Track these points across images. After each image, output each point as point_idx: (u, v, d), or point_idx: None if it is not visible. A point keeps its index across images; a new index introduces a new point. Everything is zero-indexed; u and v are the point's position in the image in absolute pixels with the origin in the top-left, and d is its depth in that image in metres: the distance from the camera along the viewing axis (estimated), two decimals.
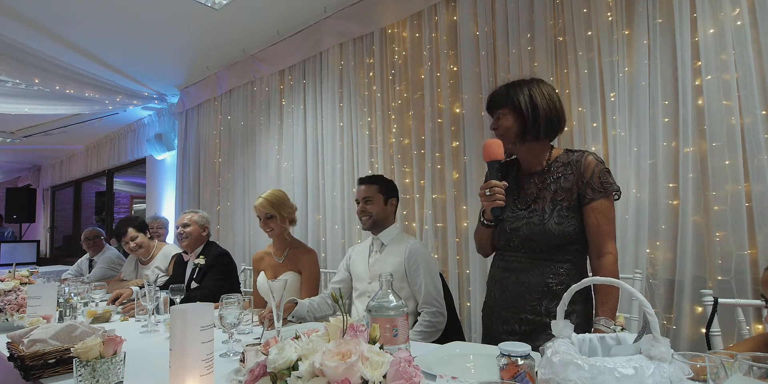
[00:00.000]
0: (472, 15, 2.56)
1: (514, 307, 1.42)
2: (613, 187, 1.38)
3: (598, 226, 1.36)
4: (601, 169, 1.38)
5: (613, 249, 1.36)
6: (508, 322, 1.43)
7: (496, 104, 1.48)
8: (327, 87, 3.36)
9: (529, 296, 1.39)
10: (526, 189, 1.48)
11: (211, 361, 1.01)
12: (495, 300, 1.50)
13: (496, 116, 1.48)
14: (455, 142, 2.62)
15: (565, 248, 1.39)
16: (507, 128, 1.44)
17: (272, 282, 1.36)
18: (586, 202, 1.38)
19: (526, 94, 1.42)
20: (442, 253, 2.65)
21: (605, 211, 1.37)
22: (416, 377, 0.68)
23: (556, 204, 1.40)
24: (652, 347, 0.73)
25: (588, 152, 1.43)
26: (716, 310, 1.42)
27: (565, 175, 1.42)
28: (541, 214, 1.41)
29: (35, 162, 8.99)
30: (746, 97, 1.74)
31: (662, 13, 1.96)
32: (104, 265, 3.88)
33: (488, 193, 1.38)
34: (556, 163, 1.45)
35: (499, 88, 1.51)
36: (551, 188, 1.42)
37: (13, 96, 4.26)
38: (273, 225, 2.25)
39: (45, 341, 1.29)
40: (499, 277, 1.50)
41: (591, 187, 1.37)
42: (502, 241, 1.49)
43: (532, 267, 1.41)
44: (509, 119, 1.44)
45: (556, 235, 1.37)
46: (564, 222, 1.38)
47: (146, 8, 3.16)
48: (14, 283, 2.00)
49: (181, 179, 4.93)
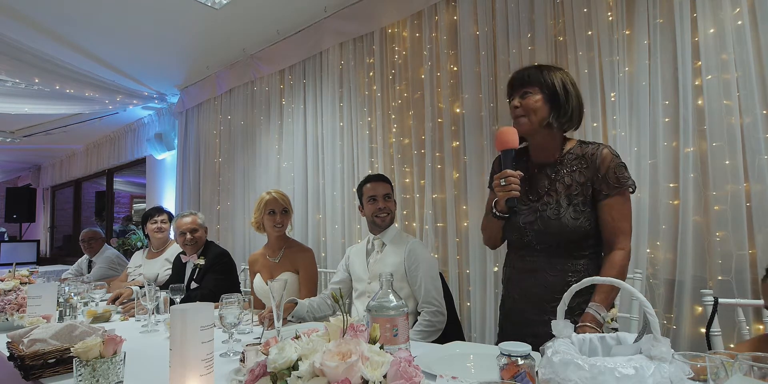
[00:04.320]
0: (472, 15, 2.56)
1: (537, 309, 1.39)
2: (629, 181, 1.35)
3: (612, 222, 1.34)
4: (617, 163, 1.35)
5: (626, 245, 1.33)
6: (530, 325, 1.40)
7: (524, 82, 1.40)
8: (327, 87, 3.36)
9: (550, 297, 1.36)
10: (538, 180, 1.44)
11: (211, 361, 1.01)
12: (515, 302, 1.46)
13: (521, 94, 1.40)
14: (455, 142, 2.62)
15: (580, 243, 1.37)
16: (534, 108, 1.37)
17: (272, 282, 1.36)
18: (601, 198, 1.35)
19: (559, 78, 1.39)
20: (442, 253, 2.65)
21: (620, 207, 1.34)
22: (416, 377, 0.68)
23: (571, 198, 1.37)
24: (653, 347, 0.73)
25: (603, 145, 1.39)
26: (716, 310, 1.42)
27: (579, 168, 1.38)
28: (555, 207, 1.37)
29: (35, 162, 8.99)
30: (746, 97, 1.74)
31: (662, 13, 1.96)
32: (104, 265, 3.88)
33: (503, 183, 1.32)
34: (569, 155, 1.41)
35: (527, 67, 1.44)
36: (565, 181, 1.39)
37: (13, 96, 4.26)
38: (287, 220, 2.26)
39: (45, 341, 1.29)
40: (517, 280, 1.47)
41: (606, 182, 1.34)
42: (515, 235, 1.46)
43: (550, 266, 1.39)
44: (538, 99, 1.37)
45: (573, 229, 1.35)
46: (580, 217, 1.35)
47: (146, 8, 3.15)
48: (14, 283, 2.00)
49: (181, 179, 4.93)
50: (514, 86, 1.44)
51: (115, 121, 5.88)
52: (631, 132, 2.01)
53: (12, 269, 2.19)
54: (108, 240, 6.05)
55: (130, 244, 5.62)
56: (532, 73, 1.40)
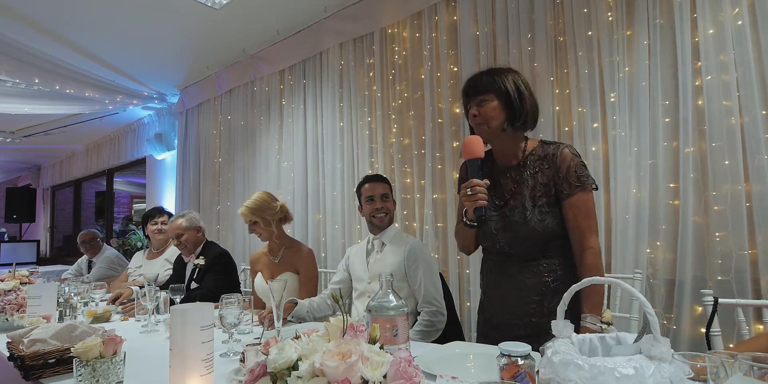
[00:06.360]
0: (472, 15, 2.56)
1: (516, 313, 1.40)
2: (589, 180, 1.36)
3: (576, 221, 1.35)
4: (577, 162, 1.36)
5: (594, 243, 1.34)
6: (512, 329, 1.40)
7: (479, 90, 1.40)
8: (327, 87, 3.36)
9: (529, 299, 1.38)
10: (503, 184, 1.45)
11: (211, 361, 1.01)
12: (494, 308, 1.48)
13: (477, 102, 1.40)
14: (455, 142, 2.62)
15: (551, 244, 1.38)
16: (492, 116, 1.37)
17: (272, 282, 1.36)
18: (563, 197, 1.36)
19: (511, 82, 1.38)
20: (443, 253, 2.65)
21: (583, 205, 1.35)
22: (416, 377, 0.68)
23: (535, 200, 1.38)
24: (653, 347, 0.73)
25: (564, 145, 1.39)
26: (716, 310, 1.42)
27: (542, 169, 1.39)
28: (521, 211, 1.39)
29: (35, 162, 8.99)
30: (746, 97, 1.74)
31: (662, 13, 1.96)
32: (104, 265, 3.88)
33: (470, 192, 1.32)
34: (532, 157, 1.42)
35: (480, 74, 1.43)
36: (528, 183, 1.40)
37: (13, 96, 4.26)
38: (259, 230, 2.26)
39: (45, 341, 1.29)
40: (494, 284, 1.48)
41: (568, 181, 1.35)
42: (488, 242, 1.47)
43: (526, 270, 1.40)
44: (495, 106, 1.37)
45: (541, 232, 1.36)
46: (546, 218, 1.36)
47: (146, 8, 3.15)
48: (14, 283, 2.00)
49: (181, 179, 4.93)
50: (468, 94, 1.43)
51: (115, 121, 5.88)
52: (631, 132, 2.01)
53: (12, 269, 2.19)
54: (108, 240, 6.06)
55: (130, 244, 5.62)
56: (486, 80, 1.40)
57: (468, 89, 1.43)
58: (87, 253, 4.00)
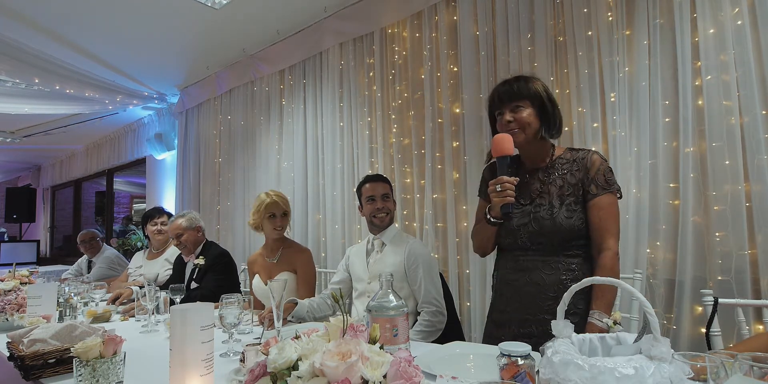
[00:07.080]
0: (472, 15, 2.56)
1: (530, 309, 1.39)
2: (616, 185, 1.40)
3: (599, 222, 1.37)
4: (606, 167, 1.40)
5: (613, 245, 1.36)
6: (524, 325, 1.40)
7: (512, 96, 1.41)
8: (327, 87, 3.36)
9: (545, 296, 1.37)
10: (530, 184, 1.47)
11: (211, 361, 1.01)
12: (507, 302, 1.46)
13: (512, 108, 1.41)
14: (455, 142, 2.62)
15: (574, 243, 1.39)
16: (528, 122, 1.40)
17: (271, 282, 1.36)
18: (589, 198, 1.39)
19: (542, 89, 1.42)
20: (443, 253, 2.65)
21: (608, 207, 1.37)
22: (416, 377, 0.68)
23: (564, 198, 1.40)
24: (653, 347, 0.73)
25: (593, 151, 1.44)
26: (716, 310, 1.42)
27: (571, 171, 1.42)
28: (549, 208, 1.40)
29: (35, 162, 8.99)
30: (746, 97, 1.74)
31: (662, 13, 1.96)
32: (104, 265, 3.88)
33: (499, 188, 1.34)
34: (560, 160, 1.46)
35: (513, 80, 1.45)
36: (557, 183, 1.42)
37: (13, 96, 4.26)
38: (287, 223, 2.25)
39: (45, 341, 1.29)
40: (509, 279, 1.47)
41: (595, 183, 1.38)
42: (509, 239, 1.47)
43: (545, 265, 1.40)
44: (530, 112, 1.40)
45: (567, 228, 1.37)
46: (573, 216, 1.38)
47: (146, 8, 3.15)
48: (14, 283, 2.00)
49: (181, 179, 4.93)
50: (503, 100, 1.44)
51: (115, 121, 5.88)
52: (631, 132, 2.01)
53: (12, 269, 2.19)
54: (108, 240, 6.06)
55: (130, 244, 5.62)
56: (520, 86, 1.42)
57: (502, 95, 1.44)
58: (87, 253, 4.00)
